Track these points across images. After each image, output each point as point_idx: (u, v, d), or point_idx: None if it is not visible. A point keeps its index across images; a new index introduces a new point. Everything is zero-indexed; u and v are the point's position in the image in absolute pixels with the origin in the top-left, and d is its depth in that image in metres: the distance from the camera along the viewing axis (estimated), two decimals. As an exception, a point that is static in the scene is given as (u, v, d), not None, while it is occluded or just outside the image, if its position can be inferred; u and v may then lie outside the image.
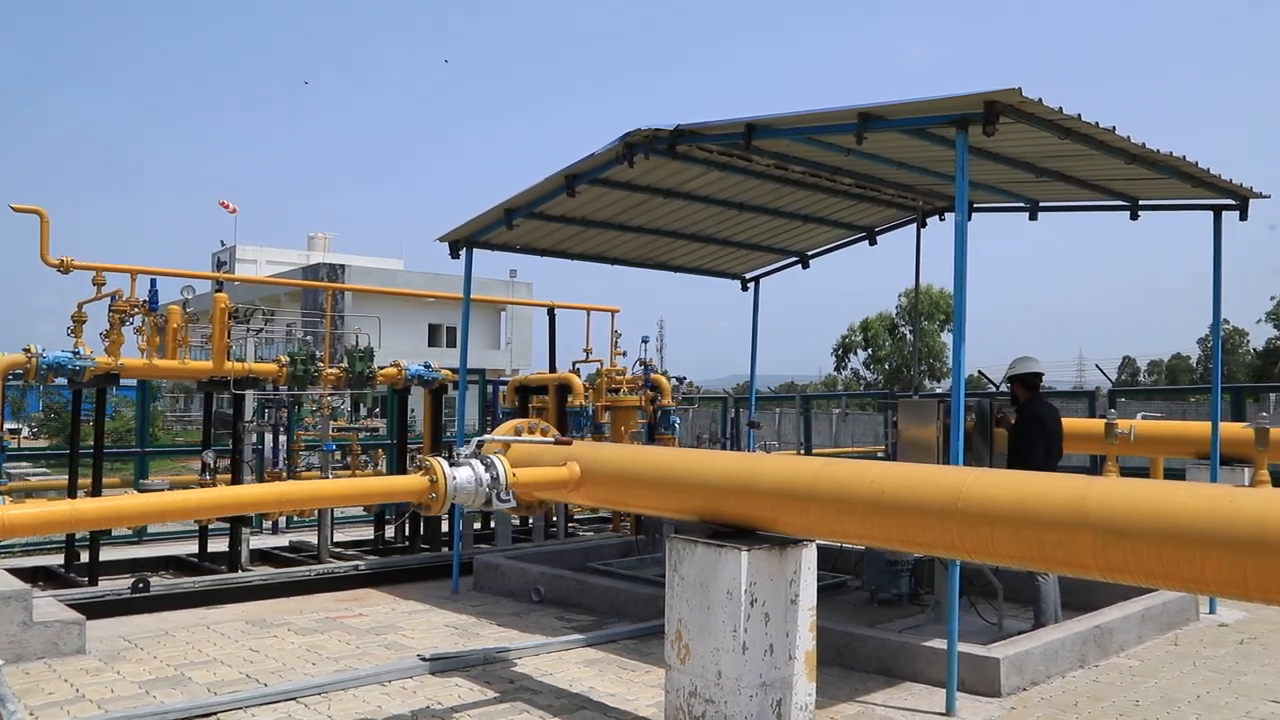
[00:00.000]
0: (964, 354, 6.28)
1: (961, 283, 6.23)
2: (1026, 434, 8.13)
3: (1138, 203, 9.24)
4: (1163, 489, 3.56)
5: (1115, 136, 6.85)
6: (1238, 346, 57.97)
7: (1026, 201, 9.84)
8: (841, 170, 8.94)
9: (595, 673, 7.05)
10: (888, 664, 6.93)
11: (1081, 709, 6.30)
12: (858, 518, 4.62)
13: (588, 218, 10.18)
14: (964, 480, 4.11)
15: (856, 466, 4.83)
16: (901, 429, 8.22)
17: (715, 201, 9.96)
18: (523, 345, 50.73)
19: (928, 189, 9.81)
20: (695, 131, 7.58)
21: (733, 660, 5.28)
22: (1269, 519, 3.18)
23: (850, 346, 58.19)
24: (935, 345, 52.58)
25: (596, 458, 6.53)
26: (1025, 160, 7.99)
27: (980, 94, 5.90)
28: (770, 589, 5.36)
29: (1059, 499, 3.72)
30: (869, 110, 6.51)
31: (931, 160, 8.14)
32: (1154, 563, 3.49)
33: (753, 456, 5.96)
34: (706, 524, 5.73)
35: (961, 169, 6.19)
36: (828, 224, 10.93)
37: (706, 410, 23.07)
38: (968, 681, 6.47)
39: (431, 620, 8.74)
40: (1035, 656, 6.83)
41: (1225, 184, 8.22)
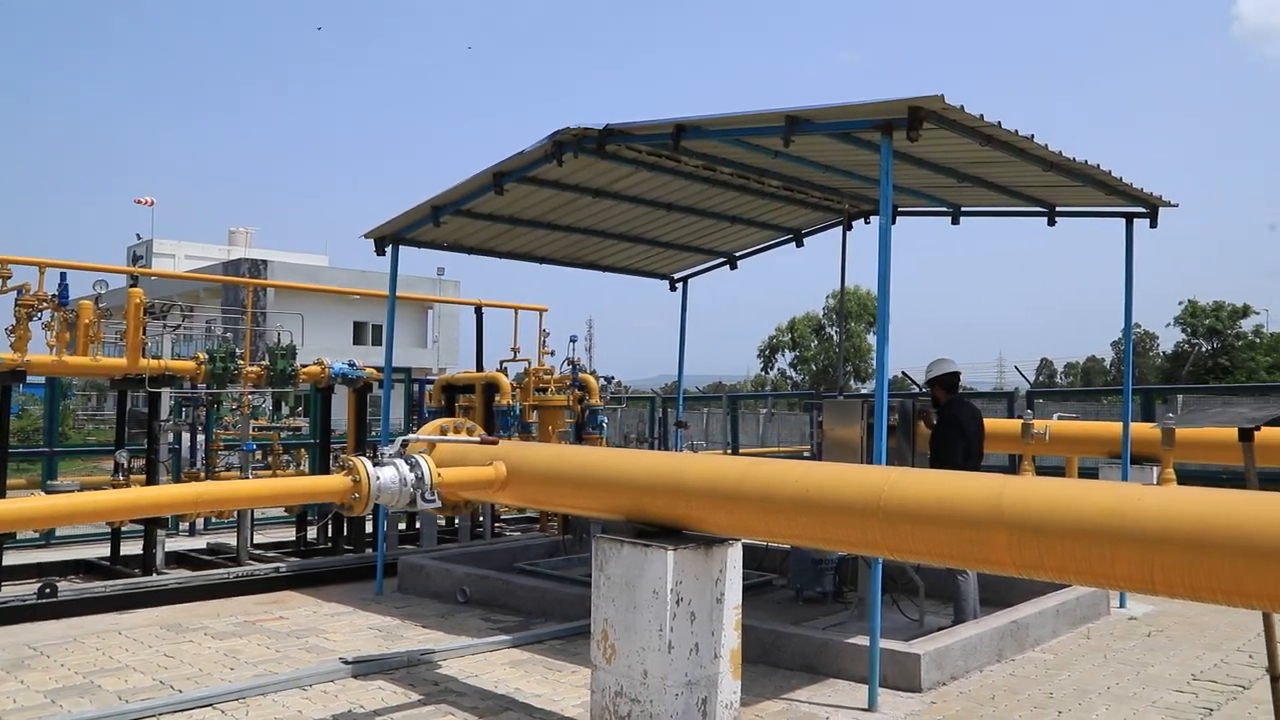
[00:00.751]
0: (887, 355, 6.38)
1: (885, 285, 6.33)
2: (946, 436, 8.31)
3: (1055, 209, 9.49)
4: (1075, 488, 3.66)
5: (1033, 144, 7.03)
6: (1148, 349, 59.97)
7: (949, 206, 10.04)
8: (769, 172, 9.03)
9: (521, 674, 7.01)
10: (812, 661, 7.01)
11: (998, 702, 6.45)
12: (782, 517, 4.66)
13: (516, 216, 10.12)
14: (886, 480, 4.17)
15: (781, 466, 4.87)
16: (826, 429, 8.32)
17: (644, 201, 9.97)
18: (450, 344, 50.25)
19: (853, 192, 9.95)
20: (624, 131, 7.58)
21: (658, 659, 5.29)
22: (1173, 517, 3.29)
23: (778, 347, 58.88)
24: (862, 346, 53.43)
25: (523, 457, 6.49)
26: (948, 165, 8.15)
27: (904, 100, 6.00)
28: (696, 588, 5.38)
29: (976, 498, 3.80)
30: (796, 113, 6.57)
31: (857, 164, 8.25)
32: (1067, 559, 3.59)
33: (679, 456, 5.98)
34: (633, 524, 5.73)
35: (886, 173, 6.29)
36: (755, 225, 11.02)
37: (635, 410, 23.11)
38: (890, 677, 6.57)
39: (354, 623, 8.60)
40: (955, 652, 6.97)
41: (1136, 192, 8.49)
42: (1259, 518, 3.13)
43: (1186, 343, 52.29)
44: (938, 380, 8.50)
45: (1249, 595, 3.19)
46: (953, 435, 8.27)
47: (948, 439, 8.26)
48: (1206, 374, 47.43)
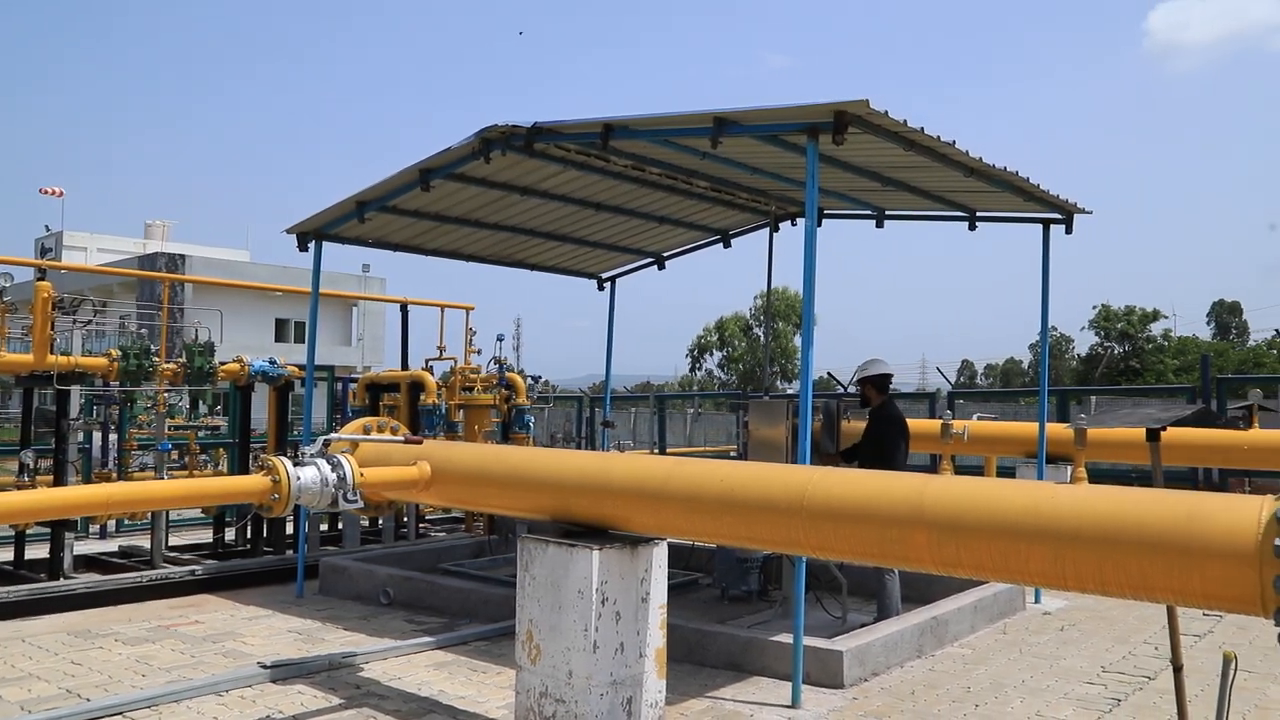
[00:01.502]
0: (812, 356, 6.46)
1: (810, 286, 6.40)
2: (889, 434, 8.38)
3: (975, 214, 9.70)
4: (992, 487, 3.74)
5: (955, 150, 7.17)
6: (1064, 352, 61.75)
7: (874, 209, 10.20)
8: (697, 173, 9.07)
9: (445, 675, 6.93)
10: (737, 659, 7.06)
11: (918, 697, 6.57)
12: (707, 516, 4.68)
13: (443, 213, 10.01)
14: (809, 479, 4.22)
15: (707, 466, 4.90)
16: (752, 429, 8.39)
17: (572, 200, 9.94)
18: (375, 342, 49.53)
19: (780, 194, 10.06)
20: (553, 130, 7.55)
21: (584, 659, 5.27)
22: (1085, 514, 3.38)
23: (705, 347, 59.26)
24: (789, 347, 54.06)
25: (448, 457, 6.42)
26: (872, 169, 8.28)
27: (830, 104, 6.08)
28: (622, 587, 5.38)
29: (898, 497, 3.86)
30: (724, 115, 6.61)
31: (784, 166, 8.34)
32: (984, 557, 3.67)
33: (605, 456, 5.97)
34: (559, 523, 5.71)
35: (812, 176, 6.36)
36: (683, 226, 11.07)
37: (562, 410, 23.04)
38: (813, 674, 6.65)
39: (274, 626, 8.42)
40: (876, 648, 7.08)
41: (1053, 199, 8.72)
42: (1163, 515, 3.23)
43: (1100, 345, 53.96)
44: (870, 380, 8.58)
45: (1154, 590, 3.30)
46: (895, 433, 8.35)
47: (891, 437, 8.34)
48: (1119, 376, 49.01)
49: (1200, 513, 3.17)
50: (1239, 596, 3.11)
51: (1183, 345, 51.15)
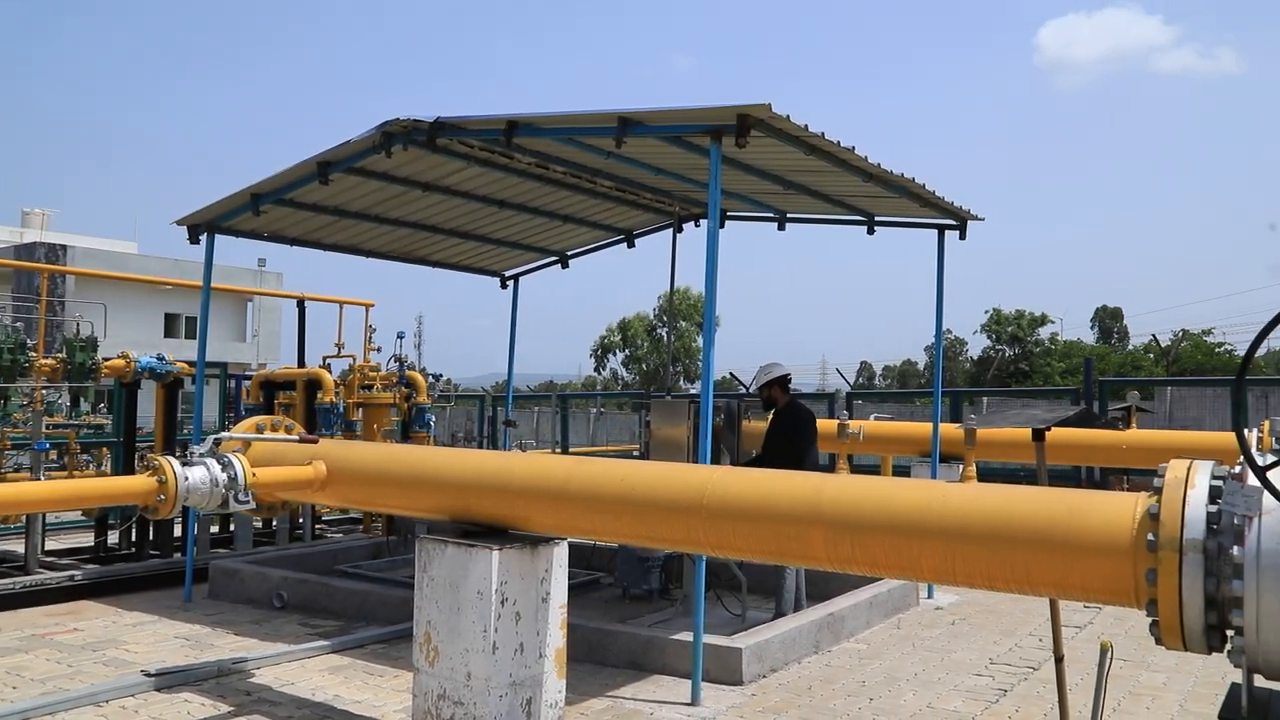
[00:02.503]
0: (713, 356, 6.51)
1: (712, 287, 6.45)
2: (803, 432, 8.50)
3: (874, 218, 9.93)
4: (887, 485, 3.82)
5: (854, 156, 7.32)
6: (958, 354, 63.57)
7: (776, 212, 10.35)
8: (602, 173, 9.06)
9: (341, 680, 6.78)
10: (637, 658, 7.08)
11: (815, 692, 6.68)
12: (608, 515, 4.68)
13: (342, 207, 9.80)
14: (709, 479, 4.25)
15: (607, 465, 4.89)
16: (654, 428, 8.43)
17: (476, 198, 9.84)
18: (271, 338, 48.15)
19: (684, 195, 10.12)
20: (456, 125, 7.45)
21: (483, 660, 5.22)
22: (973, 513, 3.49)
23: (609, 347, 59.29)
24: (692, 347, 54.44)
25: (344, 456, 6.28)
26: (774, 173, 8.39)
27: (733, 106, 6.13)
28: (521, 588, 5.34)
29: (796, 496, 3.92)
30: (628, 115, 6.62)
31: (688, 167, 8.39)
32: (879, 554, 3.75)
33: (506, 455, 5.92)
34: (458, 524, 5.64)
35: (715, 177, 6.41)
36: (587, 225, 11.05)
37: (464, 409, 22.79)
38: (712, 671, 6.70)
39: (159, 632, 8.11)
40: (775, 645, 7.18)
41: (948, 205, 8.97)
42: (1046, 513, 3.35)
43: (991, 348, 55.70)
44: (775, 382, 8.67)
45: (1038, 584, 3.42)
46: (810, 430, 8.52)
47: (806, 435, 8.49)
48: (1009, 378, 50.69)
49: (1080, 510, 3.30)
50: (1115, 589, 3.24)
51: (1068, 349, 53.12)
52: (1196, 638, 3.01)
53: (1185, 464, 3.14)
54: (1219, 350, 43.82)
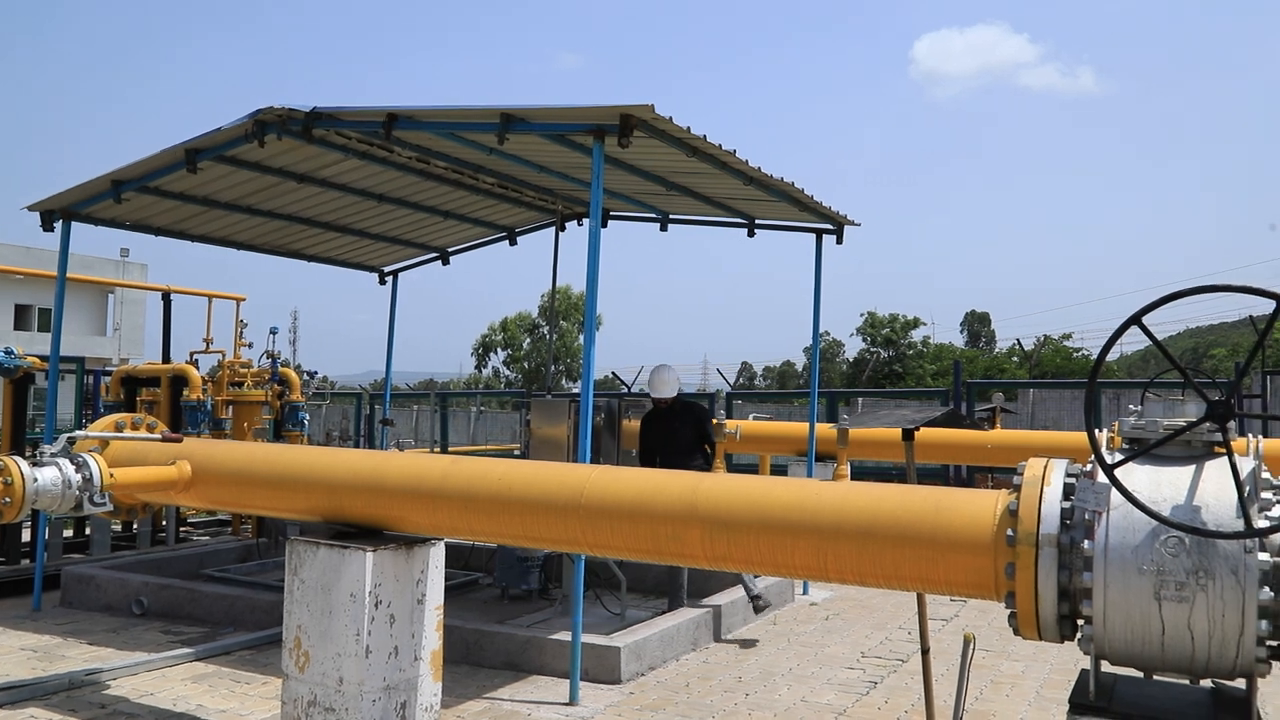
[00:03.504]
0: (593, 355, 6.51)
1: (593, 287, 6.45)
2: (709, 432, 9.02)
3: (754, 221, 10.09)
4: (762, 485, 3.88)
5: (735, 159, 7.42)
6: (835, 356, 65.20)
7: (658, 213, 10.41)
8: (484, 169, 8.97)
9: (205, 688, 6.52)
10: (515, 659, 7.02)
11: (692, 688, 6.75)
12: (485, 515, 4.63)
13: (212, 197, 9.43)
14: (587, 478, 4.24)
15: (485, 464, 4.83)
16: (534, 427, 8.38)
17: (354, 191, 9.60)
18: (134, 332, 46.00)
19: (568, 194, 10.09)
20: (333, 116, 7.25)
21: (355, 665, 5.09)
22: (845, 510, 3.57)
23: (491, 345, 58.69)
24: (574, 346, 54.37)
25: (210, 456, 6.04)
26: (657, 174, 8.44)
27: (616, 106, 6.14)
28: (396, 589, 5.23)
29: (673, 495, 3.94)
30: (511, 111, 6.56)
31: (571, 166, 8.37)
32: (754, 551, 3.80)
33: (381, 454, 5.79)
34: (331, 525, 5.49)
35: (597, 177, 6.41)
36: (469, 221, 10.91)
37: (340, 407, 22.24)
38: (591, 671, 6.70)
39: (3, 644, 7.65)
40: (653, 643, 7.22)
41: (825, 210, 9.18)
42: (913, 510, 3.46)
43: (867, 351, 57.31)
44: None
45: (905, 579, 3.52)
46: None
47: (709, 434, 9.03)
48: (883, 379, 52.25)
49: (945, 507, 3.41)
50: (977, 583, 3.37)
51: (939, 352, 55.05)
52: (1050, 627, 3.15)
53: (1042, 463, 3.28)
54: (1077, 354, 46.14)
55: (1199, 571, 2.87)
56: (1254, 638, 2.84)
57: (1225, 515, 2.91)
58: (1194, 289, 3.04)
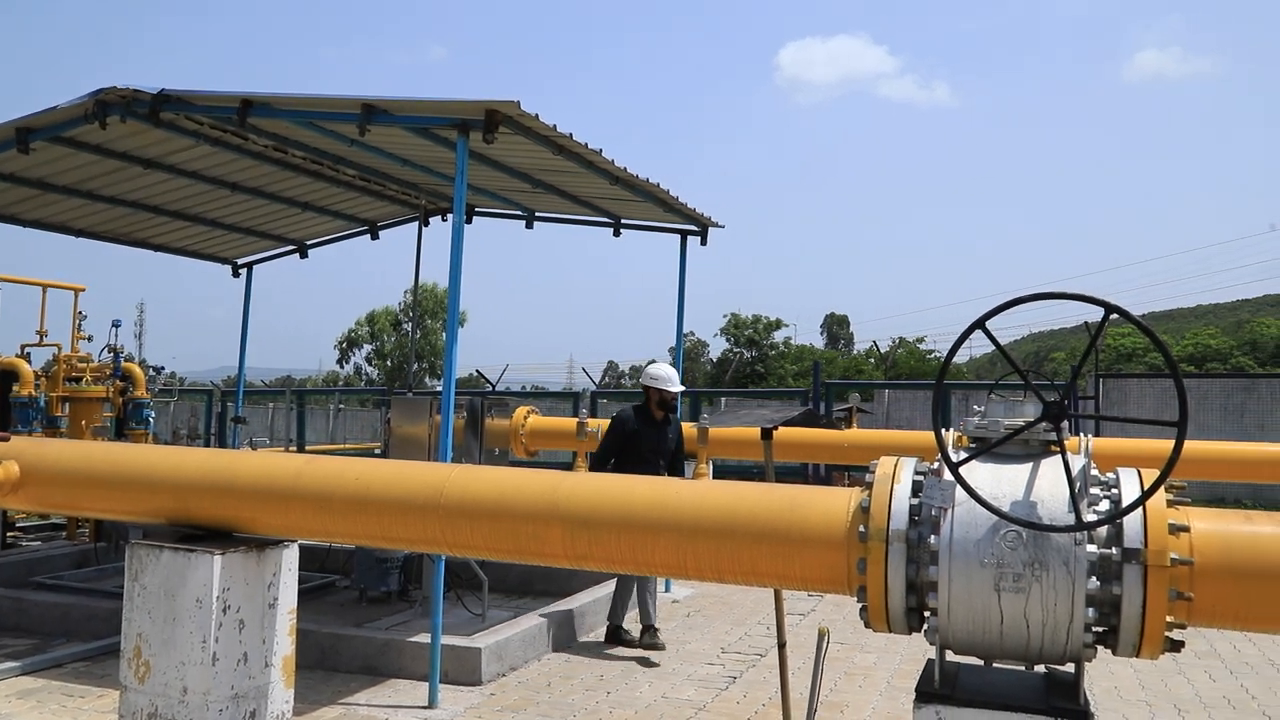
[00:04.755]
0: (456, 353, 6.41)
1: (456, 283, 6.36)
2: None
3: (620, 221, 10.14)
4: (623, 483, 3.89)
5: (601, 158, 7.43)
6: (700, 356, 66.17)
7: (524, 210, 10.35)
8: (345, 160, 8.73)
9: (33, 704, 6.13)
10: (373, 662, 6.86)
11: (554, 688, 6.73)
12: (342, 516, 4.49)
13: (47, 180, 8.88)
14: (448, 477, 4.17)
15: (341, 464, 4.69)
16: (394, 426, 8.21)
17: (205, 179, 9.20)
18: (-40, 324, 42.95)
19: (432, 188, 9.93)
20: (183, 99, 6.92)
21: (201, 674, 4.86)
22: (704, 508, 3.62)
23: (355, 341, 57.25)
24: (438, 344, 53.52)
25: (41, 455, 5.66)
26: (523, 170, 8.39)
27: (482, 101, 6.06)
28: (246, 593, 5.03)
29: (534, 494, 3.91)
30: (373, 102, 6.40)
31: (435, 160, 8.23)
32: (614, 550, 3.80)
33: (231, 453, 5.55)
34: (176, 527, 5.23)
35: (461, 172, 6.32)
36: (329, 214, 10.61)
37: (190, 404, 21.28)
38: (451, 673, 6.61)
39: None
40: (515, 643, 7.17)
41: (690, 212, 9.30)
42: (770, 507, 3.53)
43: (730, 351, 58.36)
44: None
45: (763, 575, 3.59)
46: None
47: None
48: (746, 379, 53.32)
49: (801, 505, 3.49)
50: (831, 578, 3.46)
51: (800, 353, 56.53)
52: (899, 620, 3.26)
53: (893, 461, 3.39)
54: (930, 356, 48.10)
55: (1034, 563, 3.02)
56: (1082, 625, 3.00)
57: (1059, 510, 3.06)
58: (1034, 295, 3.19)
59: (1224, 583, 3.02)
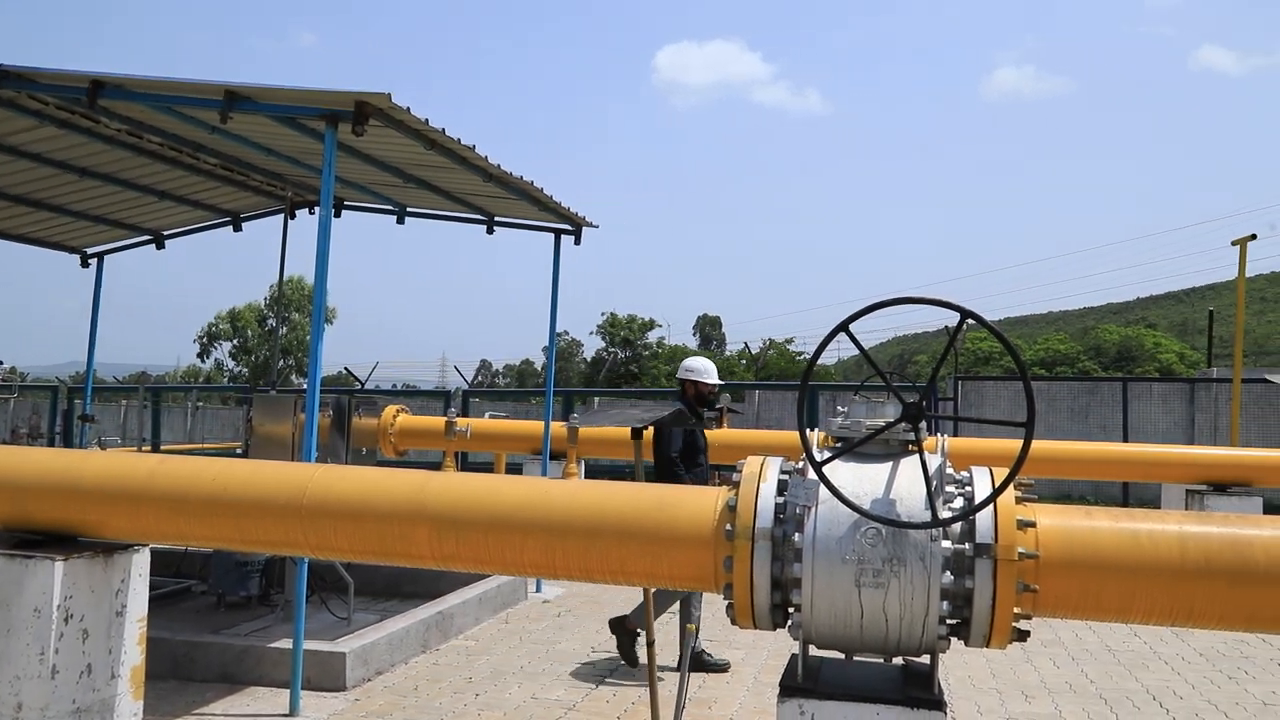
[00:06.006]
0: (321, 349, 6.23)
1: (322, 278, 6.18)
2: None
3: (494, 218, 10.03)
4: (491, 483, 3.85)
5: (475, 155, 7.34)
6: (574, 355, 66.17)
7: (395, 205, 10.13)
8: (205, 148, 8.38)
9: None
10: (231, 670, 6.61)
11: (421, 691, 6.61)
12: (197, 518, 4.31)
13: None
14: (310, 476, 4.04)
15: (197, 464, 4.50)
16: (256, 425, 7.93)
17: (51, 162, 8.68)
18: None
19: (299, 180, 9.62)
20: (26, 77, 6.51)
21: (38, 688, 4.58)
22: (573, 508, 3.62)
23: (217, 336, 55.08)
24: (306, 340, 51.97)
25: None
26: (395, 165, 8.21)
27: (352, 92, 5.90)
28: (92, 601, 4.77)
29: (400, 493, 3.84)
30: (236, 89, 6.16)
31: (302, 151, 7.98)
32: (483, 550, 3.76)
33: (77, 453, 5.25)
34: (14, 532, 4.92)
35: (329, 164, 6.14)
36: (188, 203, 10.16)
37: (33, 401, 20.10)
38: (314, 679, 6.43)
39: None
40: (381, 647, 7.01)
41: (564, 211, 9.28)
42: (639, 507, 3.55)
43: (605, 350, 58.57)
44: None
45: (631, 574, 3.61)
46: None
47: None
48: (620, 379, 53.58)
49: (669, 503, 3.52)
50: (699, 576, 3.50)
51: (674, 353, 57.13)
52: (764, 616, 3.32)
53: (760, 460, 3.46)
54: (800, 358, 49.33)
55: (893, 559, 3.12)
56: (937, 618, 3.12)
57: (916, 508, 3.18)
58: (895, 300, 3.30)
59: (1066, 575, 3.19)
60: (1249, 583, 3.10)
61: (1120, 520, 3.27)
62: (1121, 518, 3.28)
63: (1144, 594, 3.17)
